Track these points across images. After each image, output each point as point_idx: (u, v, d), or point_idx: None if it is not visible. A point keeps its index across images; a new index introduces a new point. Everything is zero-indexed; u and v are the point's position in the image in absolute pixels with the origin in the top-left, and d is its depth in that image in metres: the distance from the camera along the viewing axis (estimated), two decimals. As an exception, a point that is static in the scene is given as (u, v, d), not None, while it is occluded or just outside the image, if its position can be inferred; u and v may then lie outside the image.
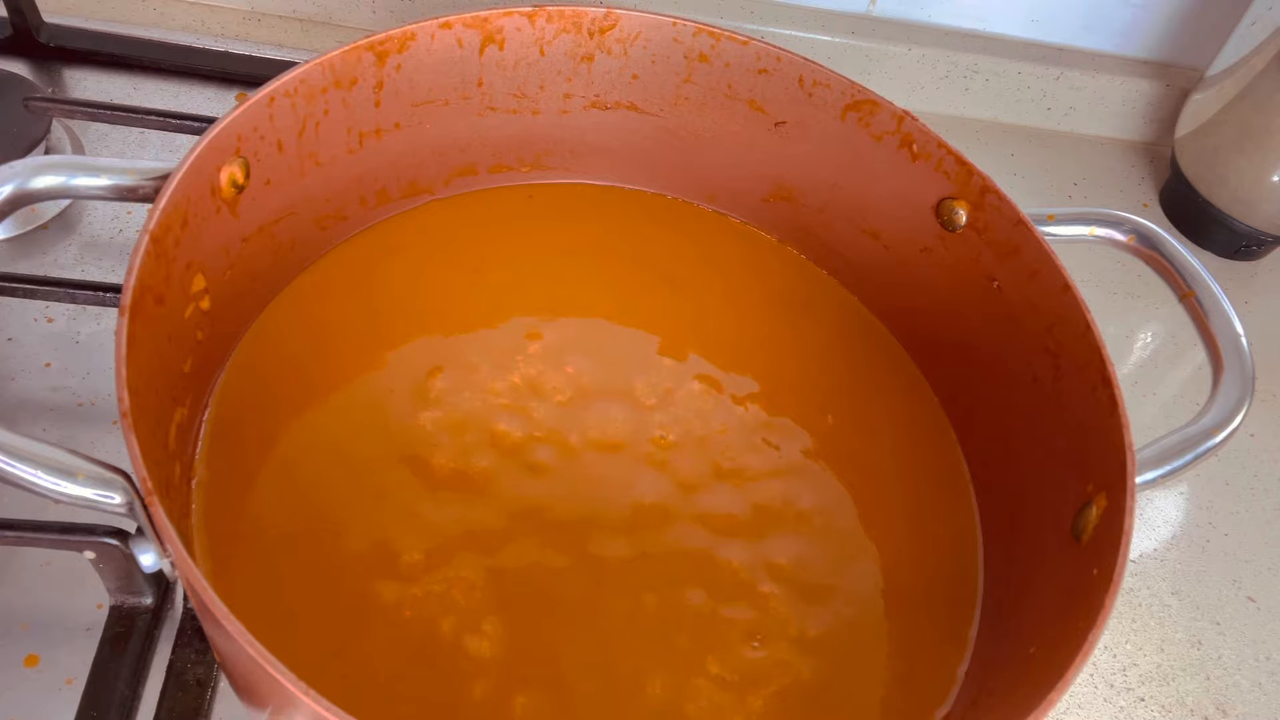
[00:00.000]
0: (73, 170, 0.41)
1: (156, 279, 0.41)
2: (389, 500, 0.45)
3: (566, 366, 0.50)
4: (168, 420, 0.42)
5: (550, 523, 0.46)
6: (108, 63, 0.67)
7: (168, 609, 0.48)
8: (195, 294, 0.45)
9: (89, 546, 0.44)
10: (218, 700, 0.46)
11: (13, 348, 0.55)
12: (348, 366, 0.49)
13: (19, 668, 0.46)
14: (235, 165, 0.45)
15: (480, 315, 0.52)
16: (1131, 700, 0.53)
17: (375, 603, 0.43)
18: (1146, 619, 0.56)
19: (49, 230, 0.60)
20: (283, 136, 0.46)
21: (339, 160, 0.50)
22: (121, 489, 0.37)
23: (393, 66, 0.48)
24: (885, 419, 0.52)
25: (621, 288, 0.54)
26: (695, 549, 0.46)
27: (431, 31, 0.48)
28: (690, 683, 0.43)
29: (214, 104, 0.67)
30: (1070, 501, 0.43)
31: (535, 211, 0.56)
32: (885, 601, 0.46)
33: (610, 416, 0.49)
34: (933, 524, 0.49)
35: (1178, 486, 0.61)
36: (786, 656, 0.44)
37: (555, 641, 0.43)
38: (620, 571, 0.45)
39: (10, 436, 0.36)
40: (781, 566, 0.46)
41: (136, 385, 0.37)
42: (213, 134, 0.43)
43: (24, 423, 0.52)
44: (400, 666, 0.42)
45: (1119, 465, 0.40)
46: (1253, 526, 0.60)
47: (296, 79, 0.46)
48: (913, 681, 0.44)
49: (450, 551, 0.45)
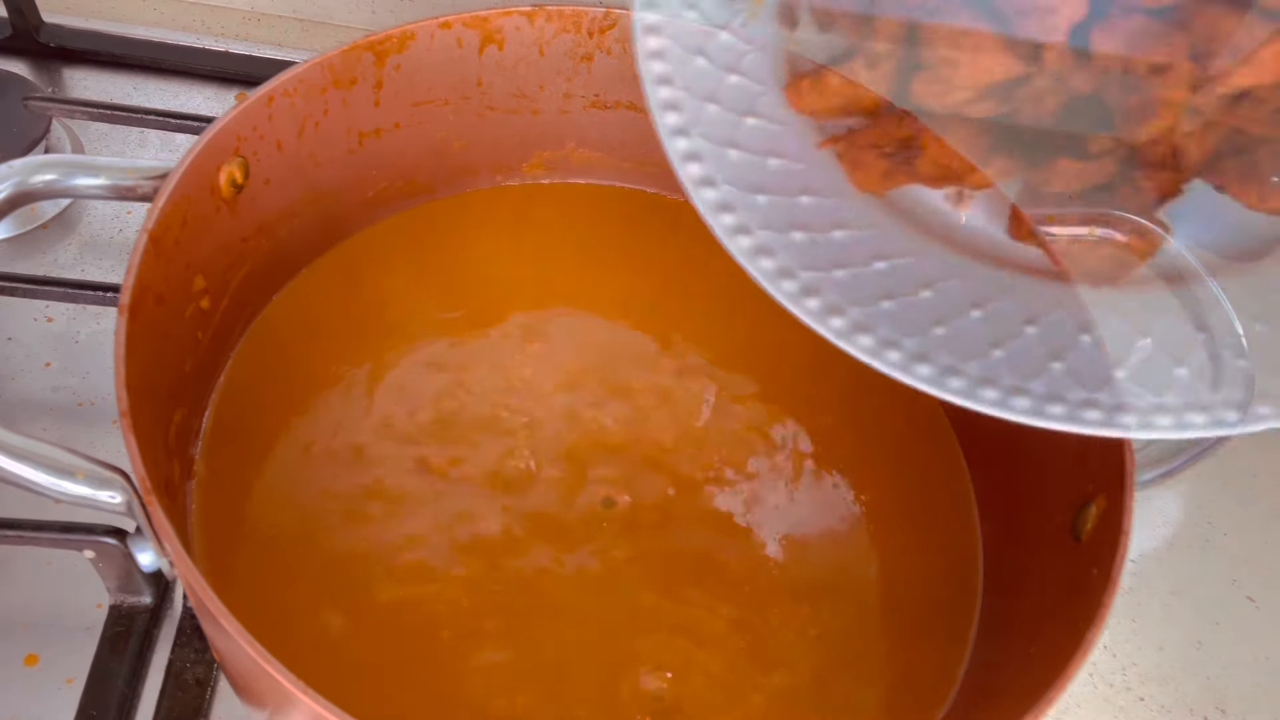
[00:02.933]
0: (72, 170, 0.41)
1: (156, 279, 0.41)
2: (388, 500, 0.45)
3: (566, 366, 0.50)
4: (167, 420, 0.42)
5: (550, 523, 0.46)
6: (108, 63, 0.67)
7: (167, 608, 0.48)
8: (195, 294, 0.45)
9: (88, 546, 0.44)
10: (217, 700, 0.47)
11: (13, 348, 0.55)
12: (347, 365, 0.49)
13: (19, 667, 0.46)
14: (234, 165, 0.45)
15: (480, 314, 0.51)
16: (1131, 700, 0.53)
17: (374, 602, 0.43)
18: (1146, 619, 0.56)
19: (49, 230, 0.60)
20: (282, 136, 0.46)
21: (338, 160, 0.50)
22: (121, 488, 0.37)
23: (392, 66, 0.48)
24: (885, 419, 0.51)
25: (621, 287, 0.54)
26: (694, 549, 0.46)
27: (431, 31, 0.48)
28: (690, 682, 0.43)
29: (214, 104, 0.67)
30: (1070, 500, 0.43)
31: (535, 211, 0.56)
32: (885, 601, 0.46)
33: (610, 416, 0.49)
34: (932, 523, 0.49)
35: (1177, 486, 0.61)
36: (786, 656, 0.44)
37: (554, 641, 0.43)
38: (619, 571, 0.45)
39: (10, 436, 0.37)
40: (781, 566, 0.46)
41: (136, 385, 0.37)
42: (212, 133, 0.43)
43: (24, 422, 0.52)
44: (399, 666, 0.42)
45: (1118, 464, 0.40)
46: (1253, 526, 0.60)
47: (296, 78, 0.46)
48: (913, 681, 0.44)
49: (450, 551, 0.45)
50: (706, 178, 0.39)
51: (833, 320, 0.37)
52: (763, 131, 0.41)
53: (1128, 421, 0.35)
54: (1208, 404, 0.36)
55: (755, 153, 0.40)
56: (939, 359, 0.36)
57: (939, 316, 0.38)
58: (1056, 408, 0.36)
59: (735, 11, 0.42)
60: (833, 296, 0.37)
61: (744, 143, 0.40)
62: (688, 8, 0.41)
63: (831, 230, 0.39)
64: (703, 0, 0.41)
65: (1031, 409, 0.36)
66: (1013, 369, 0.37)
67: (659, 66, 0.40)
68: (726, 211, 0.39)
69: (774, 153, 0.41)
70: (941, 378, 0.36)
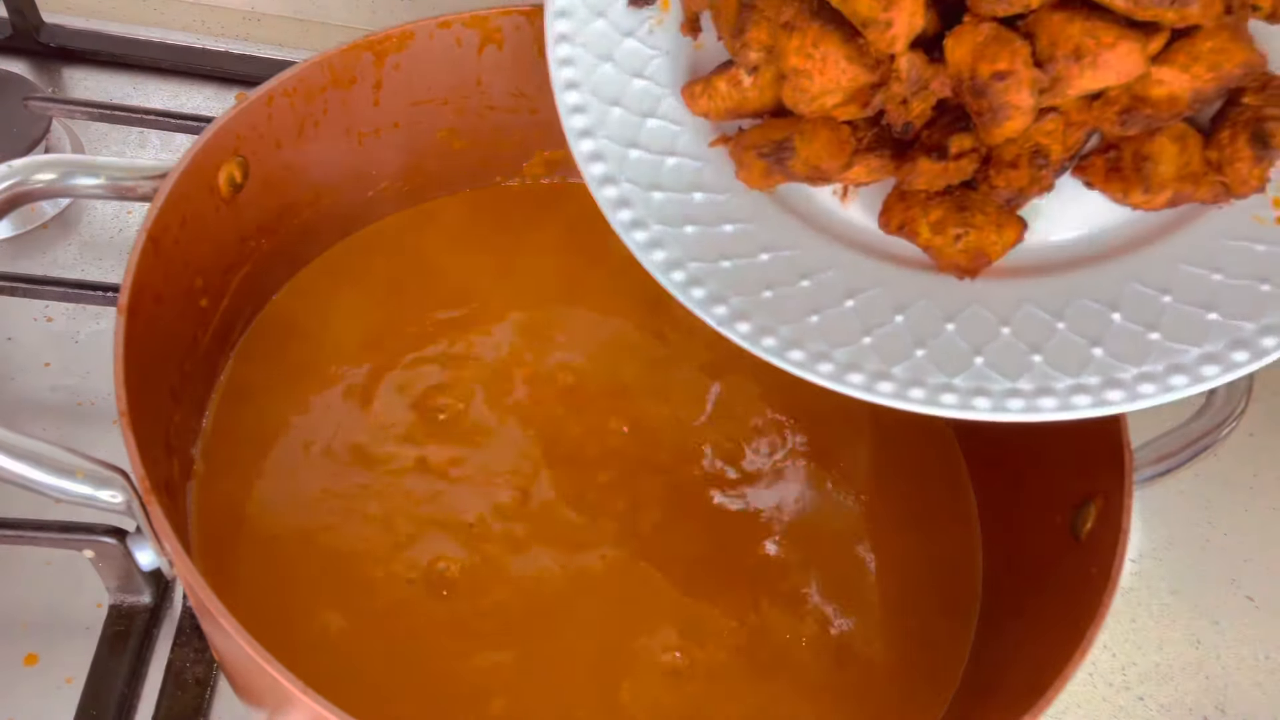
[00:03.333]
0: (72, 169, 0.41)
1: (155, 278, 0.41)
2: (388, 498, 0.45)
3: (565, 363, 0.50)
4: (166, 419, 0.42)
5: (550, 523, 0.46)
6: (108, 63, 0.68)
7: (167, 608, 0.48)
8: (194, 293, 0.45)
9: (88, 545, 0.44)
10: (216, 699, 0.47)
11: (13, 348, 0.55)
12: (347, 364, 0.49)
13: (19, 667, 0.46)
14: (234, 164, 0.45)
15: (480, 314, 0.51)
16: (1130, 699, 0.53)
17: (374, 602, 0.43)
18: (1145, 618, 0.56)
19: (49, 230, 0.60)
20: (281, 136, 0.46)
21: (338, 159, 0.50)
22: (121, 487, 0.37)
23: (391, 66, 0.48)
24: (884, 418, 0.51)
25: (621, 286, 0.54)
26: (694, 549, 0.46)
27: (430, 31, 0.48)
28: (690, 682, 0.43)
29: (214, 104, 0.67)
30: (1069, 500, 0.43)
31: (535, 210, 0.56)
32: (885, 601, 0.46)
33: (610, 416, 0.49)
34: (932, 523, 0.49)
35: (1177, 485, 0.61)
36: (786, 657, 0.44)
37: (554, 641, 0.43)
38: (619, 571, 0.45)
39: (10, 435, 0.37)
40: (781, 566, 0.46)
41: (136, 384, 0.37)
42: (210, 133, 0.43)
43: (24, 422, 0.52)
44: (399, 666, 0.42)
45: (1118, 463, 0.40)
46: (1252, 526, 0.60)
47: (295, 78, 0.46)
48: (913, 681, 0.44)
49: (449, 551, 0.45)
50: (608, 176, 0.42)
51: (715, 309, 0.40)
52: (663, 132, 0.44)
53: (1015, 405, 0.38)
54: (1072, 385, 0.38)
55: (655, 152, 0.43)
56: (811, 345, 0.40)
57: (816, 305, 0.41)
58: (982, 400, 0.39)
59: (642, 20, 0.44)
60: (715, 286, 0.41)
61: (645, 143, 0.43)
62: (597, 16, 0.44)
63: (721, 224, 0.42)
64: (611, 9, 0.44)
65: (959, 403, 0.39)
66: (884, 356, 0.40)
67: (568, 72, 0.44)
68: (625, 207, 0.42)
69: (672, 152, 0.43)
70: (813, 362, 0.40)
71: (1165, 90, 0.37)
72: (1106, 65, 0.36)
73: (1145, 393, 0.37)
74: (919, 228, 0.40)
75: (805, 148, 0.40)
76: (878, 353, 0.40)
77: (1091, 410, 0.38)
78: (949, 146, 0.39)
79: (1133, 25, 0.36)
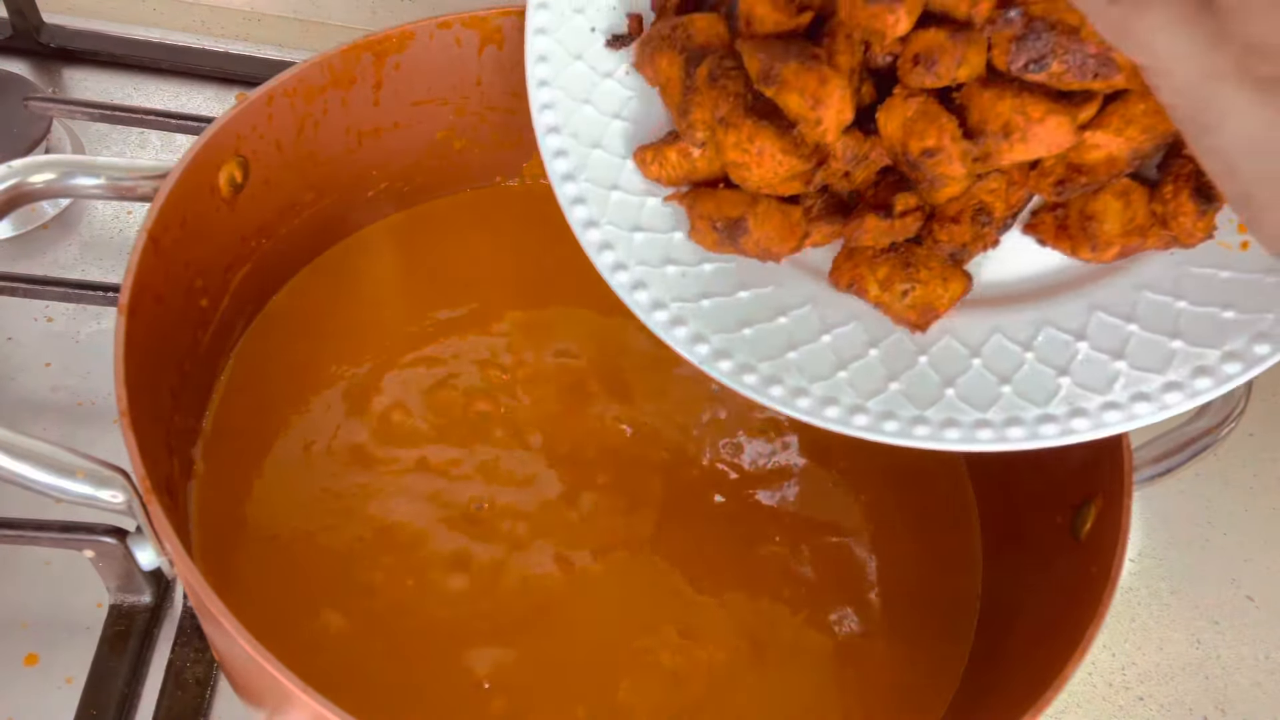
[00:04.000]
0: (72, 169, 0.41)
1: (156, 278, 0.41)
2: (387, 498, 0.45)
3: (566, 364, 0.50)
4: (167, 419, 0.43)
5: (549, 522, 0.46)
6: (108, 63, 0.68)
7: (167, 607, 0.48)
8: (195, 293, 0.45)
9: (88, 545, 0.44)
10: (217, 699, 0.47)
11: (13, 348, 0.55)
12: (347, 364, 0.49)
13: (19, 667, 0.47)
14: (234, 165, 0.45)
15: (480, 314, 0.51)
16: (1130, 699, 0.53)
17: (375, 602, 0.43)
18: (1145, 618, 0.56)
19: (49, 230, 0.60)
20: (281, 136, 0.46)
21: (338, 159, 0.50)
22: (121, 487, 0.37)
23: (391, 66, 0.48)
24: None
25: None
26: (694, 549, 0.46)
27: (430, 31, 0.48)
28: (690, 682, 0.43)
29: (214, 104, 0.67)
30: (1069, 500, 0.43)
31: (535, 210, 0.56)
32: (885, 601, 0.46)
33: (610, 415, 0.49)
34: (932, 523, 0.49)
35: (1177, 485, 0.61)
36: (786, 657, 0.44)
37: (554, 641, 0.43)
38: (619, 571, 0.45)
39: (10, 435, 0.37)
40: (780, 566, 0.46)
41: (136, 384, 0.37)
42: (210, 133, 0.43)
43: (24, 422, 0.52)
44: (399, 666, 0.42)
45: (1117, 463, 0.40)
46: (1252, 526, 0.60)
47: (295, 78, 0.46)
48: (913, 681, 0.44)
49: (449, 551, 0.45)
50: (590, 219, 0.43)
51: (698, 347, 0.41)
52: (641, 174, 0.44)
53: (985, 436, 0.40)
54: (1039, 415, 0.39)
55: (634, 193, 0.44)
56: (790, 381, 0.41)
57: (793, 342, 0.42)
58: (952, 432, 0.40)
59: (619, 61, 0.45)
60: (698, 326, 0.42)
61: (625, 185, 0.44)
62: (575, 59, 0.45)
63: (701, 264, 0.43)
64: (588, 51, 0.45)
65: (928, 433, 0.40)
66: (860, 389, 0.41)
67: (550, 117, 0.44)
68: (608, 249, 0.43)
69: (651, 193, 0.44)
70: (792, 398, 0.41)
71: (1103, 153, 0.38)
72: (1036, 139, 0.36)
73: (1110, 421, 0.38)
74: (867, 285, 0.41)
75: (759, 229, 0.41)
76: (853, 387, 0.41)
77: (1059, 439, 0.39)
78: (894, 204, 0.40)
79: (1062, 96, 0.36)
